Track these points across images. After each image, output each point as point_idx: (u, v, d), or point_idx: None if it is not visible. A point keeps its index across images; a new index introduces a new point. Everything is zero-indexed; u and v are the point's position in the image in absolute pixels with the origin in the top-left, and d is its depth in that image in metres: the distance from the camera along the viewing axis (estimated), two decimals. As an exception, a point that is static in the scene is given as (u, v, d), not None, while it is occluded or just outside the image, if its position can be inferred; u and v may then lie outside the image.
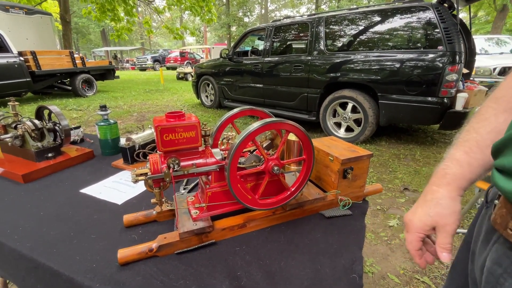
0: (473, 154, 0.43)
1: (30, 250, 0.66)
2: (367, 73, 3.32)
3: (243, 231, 0.72)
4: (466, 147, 0.44)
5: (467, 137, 0.45)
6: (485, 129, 0.43)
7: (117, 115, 5.18)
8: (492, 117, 0.42)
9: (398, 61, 3.09)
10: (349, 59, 3.50)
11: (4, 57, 5.41)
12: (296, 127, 0.66)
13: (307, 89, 3.93)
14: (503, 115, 0.42)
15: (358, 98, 3.38)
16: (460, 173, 0.44)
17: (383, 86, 3.22)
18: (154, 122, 0.62)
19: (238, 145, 0.60)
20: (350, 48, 3.60)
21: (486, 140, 0.42)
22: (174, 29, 11.39)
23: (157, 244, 0.63)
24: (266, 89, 4.48)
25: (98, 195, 0.92)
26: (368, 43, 3.46)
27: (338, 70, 3.58)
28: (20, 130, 1.08)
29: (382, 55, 3.26)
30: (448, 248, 0.43)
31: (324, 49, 3.76)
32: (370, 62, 3.31)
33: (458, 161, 0.44)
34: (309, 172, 0.72)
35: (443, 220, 0.43)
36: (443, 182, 0.45)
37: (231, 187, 0.64)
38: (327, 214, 0.79)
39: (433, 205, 0.44)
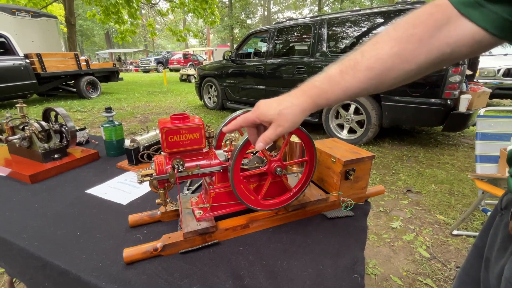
0: (345, 74, 0.43)
1: (38, 249, 0.68)
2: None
3: (246, 232, 0.73)
4: (344, 67, 0.44)
5: (352, 57, 0.44)
6: (370, 53, 0.42)
7: (121, 117, 5.23)
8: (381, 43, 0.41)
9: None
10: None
11: (11, 60, 5.49)
12: (298, 128, 0.66)
13: (309, 90, 3.93)
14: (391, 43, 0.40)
15: (361, 100, 3.38)
16: (325, 91, 0.45)
17: (386, 88, 3.22)
18: (159, 124, 0.63)
19: (241, 146, 0.61)
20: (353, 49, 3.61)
21: (363, 65, 0.42)
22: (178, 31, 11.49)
23: (162, 244, 0.64)
24: (269, 91, 4.50)
25: (103, 196, 0.93)
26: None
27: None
28: (28, 131, 1.10)
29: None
30: (267, 142, 0.49)
31: (326, 51, 3.76)
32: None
33: (330, 77, 0.45)
34: (311, 174, 0.73)
35: (282, 122, 0.47)
36: (308, 93, 0.46)
37: (234, 188, 0.65)
38: (329, 215, 0.80)
39: (286, 106, 0.47)
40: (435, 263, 1.56)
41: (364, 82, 0.43)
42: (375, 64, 0.41)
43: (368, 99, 3.38)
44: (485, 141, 1.73)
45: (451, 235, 1.78)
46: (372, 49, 0.42)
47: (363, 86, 0.43)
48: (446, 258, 1.59)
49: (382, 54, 0.41)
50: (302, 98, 0.46)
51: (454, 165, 2.87)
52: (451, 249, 1.66)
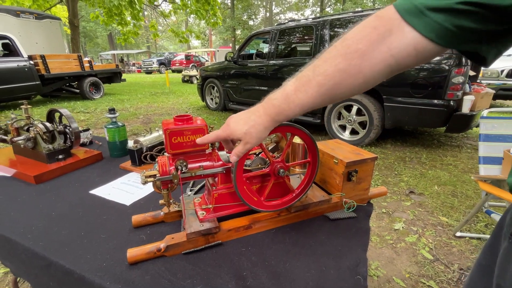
0: (299, 93, 0.47)
1: (43, 249, 0.68)
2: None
3: (249, 232, 0.73)
4: (299, 85, 0.47)
5: (304, 74, 0.47)
6: (319, 69, 0.44)
7: (124, 118, 5.26)
8: (330, 59, 0.43)
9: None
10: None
11: (15, 61, 5.54)
12: (301, 130, 0.67)
13: (311, 91, 3.93)
14: (338, 59, 0.42)
15: (363, 101, 3.38)
16: (282, 109, 0.49)
17: (388, 89, 3.21)
18: (162, 125, 0.64)
19: (244, 148, 0.61)
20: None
21: (314, 81, 0.45)
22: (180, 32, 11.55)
23: (165, 244, 0.65)
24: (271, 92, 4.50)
25: (107, 196, 0.94)
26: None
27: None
28: (33, 132, 1.12)
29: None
30: (239, 155, 0.57)
31: (328, 52, 3.76)
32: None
33: (287, 96, 0.48)
34: (313, 175, 0.73)
35: (249, 139, 0.53)
36: (268, 112, 0.51)
37: (237, 189, 0.65)
38: (331, 216, 0.80)
39: (251, 126, 0.52)
40: (438, 265, 1.55)
41: (317, 98, 0.46)
42: (324, 81, 0.44)
43: (370, 100, 3.37)
44: (488, 143, 1.72)
45: (454, 237, 1.77)
46: (322, 65, 0.44)
47: (316, 101, 0.46)
48: (450, 260, 1.58)
49: (330, 71, 0.43)
50: (264, 117, 0.52)
51: (457, 166, 2.86)
52: (454, 251, 1.65)
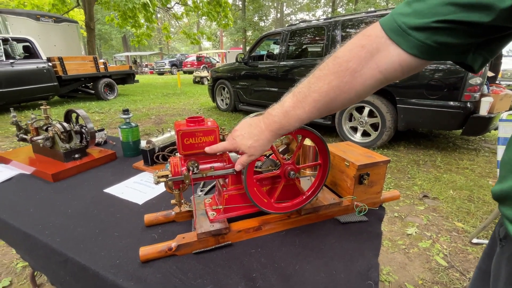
0: (297, 109, 0.50)
1: (60, 245, 0.71)
2: (385, 77, 3.25)
3: (259, 234, 0.74)
4: (296, 101, 0.50)
5: (301, 90, 0.51)
6: (314, 86, 0.48)
7: (136, 118, 5.37)
8: (323, 77, 0.47)
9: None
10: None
11: (35, 63, 5.77)
12: (312, 132, 0.67)
13: (322, 93, 3.90)
14: (331, 77, 0.46)
15: (375, 102, 3.32)
16: (283, 124, 0.53)
17: (402, 90, 3.15)
18: (175, 126, 0.65)
19: (255, 149, 0.62)
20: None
21: (310, 98, 0.48)
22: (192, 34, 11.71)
23: (176, 244, 0.66)
24: (281, 93, 4.44)
25: (120, 195, 0.96)
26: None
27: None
28: (51, 132, 1.16)
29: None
30: (244, 165, 0.62)
31: (340, 53, 3.72)
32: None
33: (286, 112, 0.52)
34: (324, 177, 0.73)
35: (253, 152, 0.58)
36: (270, 127, 0.55)
37: (247, 190, 0.65)
38: (342, 220, 0.79)
39: (255, 140, 0.56)
40: (453, 272, 1.50)
41: (314, 112, 0.50)
42: (319, 97, 0.48)
43: (383, 102, 3.31)
44: (507, 146, 1.65)
45: (470, 244, 1.71)
46: (316, 82, 0.48)
47: (313, 115, 0.51)
48: (465, 267, 1.53)
49: (324, 88, 0.47)
50: (266, 132, 0.55)
51: (474, 170, 2.76)
52: (470, 258, 1.60)
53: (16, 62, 5.56)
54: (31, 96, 5.93)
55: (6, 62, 5.36)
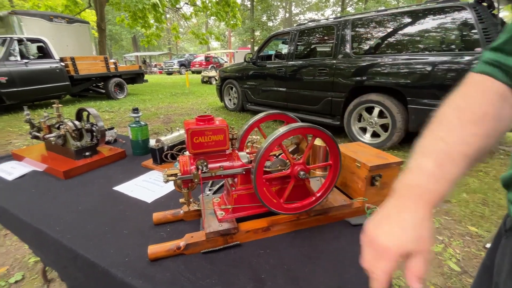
0: (446, 168, 0.38)
1: (70, 241, 0.72)
2: (396, 77, 3.19)
3: (267, 235, 0.73)
4: (439, 159, 0.39)
5: (436, 147, 0.40)
6: (453, 139, 0.40)
7: (145, 117, 5.44)
8: (459, 128, 0.40)
9: (430, 64, 2.94)
10: (377, 62, 3.39)
11: (48, 63, 5.91)
12: (323, 132, 0.65)
13: (331, 93, 3.86)
14: (470, 127, 0.39)
15: (386, 103, 3.26)
16: (436, 189, 0.38)
17: (414, 91, 3.08)
18: (185, 125, 0.65)
19: (265, 149, 0.61)
20: (377, 51, 3.49)
21: (455, 152, 0.39)
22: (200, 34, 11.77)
23: (185, 243, 0.66)
24: (289, 93, 4.47)
25: (129, 193, 0.97)
26: (397, 46, 3.33)
27: (365, 74, 3.48)
28: (63, 130, 1.18)
29: (412, 58, 3.12)
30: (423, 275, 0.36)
31: (350, 52, 3.67)
32: (399, 65, 3.18)
33: (433, 175, 0.39)
34: (335, 178, 0.71)
35: (425, 245, 0.37)
36: (421, 199, 0.38)
37: (256, 190, 0.64)
38: (353, 222, 0.77)
39: (412, 227, 0.37)
40: (467, 277, 1.46)
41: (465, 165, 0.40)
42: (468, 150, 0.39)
43: (393, 102, 3.25)
44: (525, 149, 1.59)
45: (484, 249, 1.65)
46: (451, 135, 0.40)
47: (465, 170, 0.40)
48: (479, 273, 1.48)
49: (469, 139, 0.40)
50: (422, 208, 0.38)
51: (488, 173, 2.68)
52: (485, 264, 1.54)
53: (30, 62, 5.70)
54: (44, 95, 6.08)
55: (21, 62, 5.51)
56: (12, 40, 5.31)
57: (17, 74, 5.35)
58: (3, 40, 5.29)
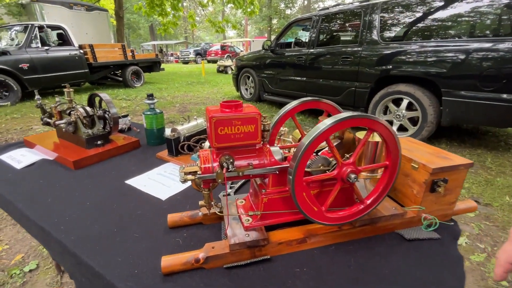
0: None
1: (73, 244, 0.62)
2: (429, 66, 2.91)
3: (302, 247, 0.60)
4: None
5: None
6: None
7: (161, 106, 5.40)
8: None
9: (469, 52, 2.64)
10: (407, 49, 3.11)
11: (67, 50, 5.96)
12: (382, 124, 0.51)
13: (355, 83, 3.62)
14: None
15: (417, 94, 3.00)
16: None
17: (449, 81, 2.80)
18: (207, 112, 0.52)
19: (308, 145, 0.48)
20: (408, 37, 3.20)
21: None
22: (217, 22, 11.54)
23: (204, 255, 0.54)
24: (309, 83, 4.25)
25: (142, 188, 0.87)
26: (430, 32, 3.03)
27: (393, 62, 3.21)
28: (73, 116, 1.09)
29: (449, 44, 2.82)
30: None
31: (378, 39, 3.40)
32: (433, 53, 2.90)
33: None
34: (391, 183, 0.57)
35: None
36: None
37: (294, 196, 0.51)
38: (407, 236, 0.63)
39: None
40: (515, 293, 1.28)
41: None
42: None
43: (425, 94, 2.99)
44: None
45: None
46: None
47: None
48: (530, 289, 1.30)
49: None
50: None
51: (533, 174, 2.41)
52: (536, 279, 1.36)
53: (51, 49, 5.76)
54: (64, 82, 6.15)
55: (42, 49, 5.57)
56: (33, 26, 5.37)
57: (38, 61, 5.43)
58: (25, 27, 5.36)
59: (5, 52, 4.97)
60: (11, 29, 5.60)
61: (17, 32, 5.48)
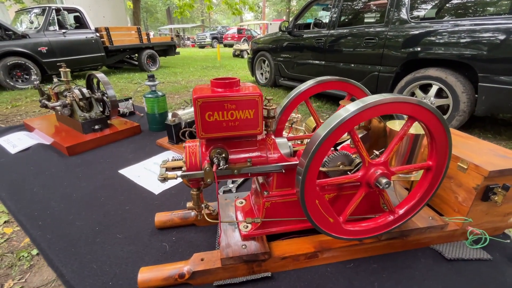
0: None
1: (49, 244, 0.55)
2: (464, 47, 2.60)
3: (313, 263, 0.49)
4: None
5: None
6: None
7: (176, 90, 5.35)
8: None
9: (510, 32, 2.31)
10: (440, 29, 2.78)
11: (84, 33, 5.97)
12: (435, 114, 0.37)
13: (379, 67, 3.33)
14: None
15: (448, 79, 2.70)
16: None
17: (488, 65, 2.48)
18: (193, 92, 0.40)
19: (324, 138, 0.35)
20: (441, 16, 2.87)
21: None
22: (233, 4, 11.18)
23: (191, 269, 0.44)
24: (328, 67, 3.99)
25: (135, 179, 0.78)
26: (466, 9, 2.68)
27: (422, 44, 2.90)
28: (69, 98, 1.01)
29: (487, 23, 2.49)
30: None
31: (407, 18, 3.08)
32: (469, 33, 2.57)
33: None
34: (433, 190, 0.43)
35: None
36: None
37: (304, 204, 0.39)
38: (449, 255, 0.50)
39: None
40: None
41: None
42: None
43: (458, 79, 2.68)
44: None
45: None
46: None
47: None
48: None
49: None
50: None
51: None
52: None
53: (68, 32, 5.79)
54: (81, 65, 6.21)
55: (60, 32, 5.60)
56: (50, 9, 5.38)
57: (56, 44, 5.47)
58: (43, 9, 5.39)
59: (24, 36, 5.04)
60: (30, 12, 5.65)
61: (36, 15, 5.53)
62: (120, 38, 6.73)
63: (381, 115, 0.39)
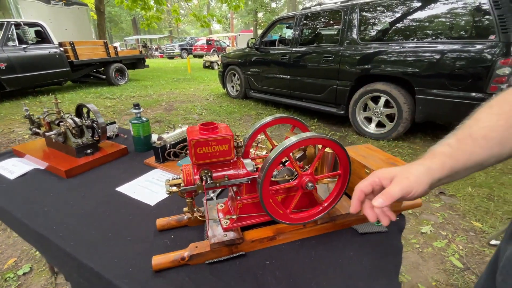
0: (464, 141, 0.44)
1: (73, 249, 0.71)
2: (404, 65, 3.09)
3: (273, 243, 0.71)
4: (459, 135, 0.45)
5: (460, 131, 0.45)
6: (477, 125, 0.44)
7: (147, 104, 5.38)
8: (485, 117, 0.44)
9: (440, 52, 2.83)
10: (384, 49, 3.27)
11: (47, 48, 5.79)
12: (334, 142, 0.62)
13: (336, 81, 3.76)
14: (496, 117, 0.43)
15: (393, 92, 3.17)
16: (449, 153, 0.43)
17: (422, 80, 2.99)
18: (187, 134, 0.62)
19: (272, 160, 0.58)
20: (385, 37, 3.36)
21: (478, 133, 0.43)
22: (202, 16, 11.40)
23: (189, 253, 0.64)
24: (293, 81, 4.37)
25: (132, 194, 0.95)
26: (406, 32, 3.20)
27: (371, 62, 3.37)
28: (63, 127, 1.15)
29: (422, 45, 3.00)
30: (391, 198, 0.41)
31: (357, 39, 3.54)
32: (407, 53, 3.07)
33: (449, 144, 0.45)
34: (343, 189, 0.69)
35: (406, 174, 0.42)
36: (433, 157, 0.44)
37: (263, 203, 0.62)
38: (360, 230, 0.75)
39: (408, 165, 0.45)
40: (469, 274, 1.46)
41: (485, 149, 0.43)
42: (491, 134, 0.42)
43: (400, 92, 3.17)
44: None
45: (488, 245, 1.65)
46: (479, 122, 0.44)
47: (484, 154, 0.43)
48: (482, 269, 1.48)
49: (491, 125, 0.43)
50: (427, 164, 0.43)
51: (495, 166, 2.64)
52: (488, 260, 1.54)
53: (29, 47, 5.57)
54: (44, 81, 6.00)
55: (19, 47, 5.39)
56: (9, 24, 5.17)
57: (16, 59, 5.26)
58: (0, 24, 5.15)
59: (-20, 51, 4.78)
60: (-15, 27, 5.36)
61: (-8, 30, 5.25)
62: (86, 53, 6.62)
63: (309, 144, 0.64)
